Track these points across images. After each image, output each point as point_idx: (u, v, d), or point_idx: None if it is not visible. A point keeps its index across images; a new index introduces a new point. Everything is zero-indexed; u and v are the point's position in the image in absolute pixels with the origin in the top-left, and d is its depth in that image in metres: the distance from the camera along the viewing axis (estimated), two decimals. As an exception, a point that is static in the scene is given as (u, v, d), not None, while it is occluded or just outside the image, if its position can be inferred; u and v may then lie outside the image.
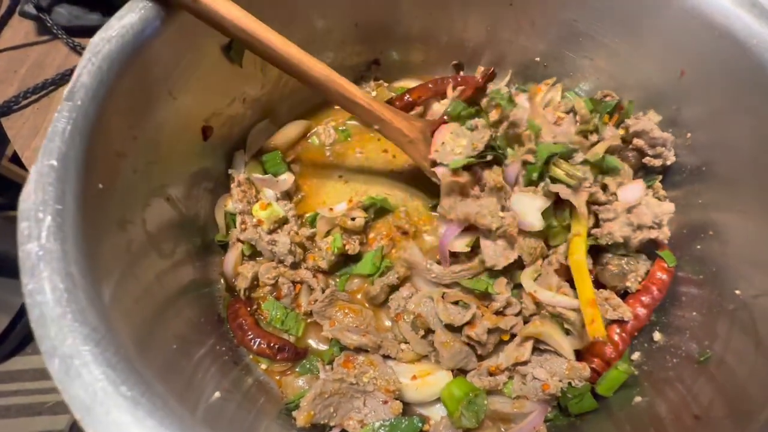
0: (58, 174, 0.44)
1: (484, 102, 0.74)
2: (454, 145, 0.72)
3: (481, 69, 0.94)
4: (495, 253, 0.66)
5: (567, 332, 0.64)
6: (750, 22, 0.56)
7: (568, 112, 0.74)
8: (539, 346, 0.65)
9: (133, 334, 0.45)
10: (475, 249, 0.70)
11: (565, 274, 0.66)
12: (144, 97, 0.59)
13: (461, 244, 0.70)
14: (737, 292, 0.54)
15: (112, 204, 0.51)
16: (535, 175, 0.66)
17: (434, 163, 0.73)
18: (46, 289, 0.36)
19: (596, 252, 0.69)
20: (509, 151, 0.70)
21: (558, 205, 0.67)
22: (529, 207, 0.66)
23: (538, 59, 0.88)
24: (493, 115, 0.71)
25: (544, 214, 0.65)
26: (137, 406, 0.33)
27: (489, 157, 0.69)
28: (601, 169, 0.67)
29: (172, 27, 0.60)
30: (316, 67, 0.67)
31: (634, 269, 0.66)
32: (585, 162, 0.66)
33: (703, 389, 0.50)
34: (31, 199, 0.41)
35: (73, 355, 0.34)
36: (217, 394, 0.52)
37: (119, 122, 0.55)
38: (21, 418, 1.77)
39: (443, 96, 0.91)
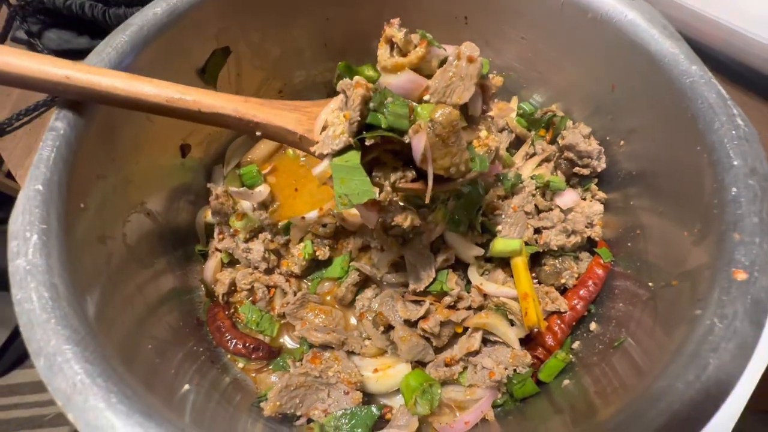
0: (44, 197, 0.50)
1: None
2: (337, 125, 0.53)
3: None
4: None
5: (512, 323, 0.70)
6: (662, 41, 0.63)
7: (501, 130, 0.81)
8: (490, 338, 0.71)
9: (116, 338, 0.51)
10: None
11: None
12: (122, 123, 0.66)
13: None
14: (650, 284, 0.60)
15: (93, 221, 0.58)
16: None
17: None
18: (33, 298, 0.43)
19: (535, 254, 0.76)
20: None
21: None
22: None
23: (494, 72, 0.94)
24: None
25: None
26: (110, 394, 0.39)
27: (369, 141, 0.50)
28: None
29: (147, 57, 0.67)
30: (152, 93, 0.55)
31: (569, 267, 0.72)
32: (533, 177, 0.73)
33: (613, 369, 0.56)
34: (19, 220, 0.47)
35: (56, 354, 0.40)
36: (191, 387, 0.58)
37: (99, 147, 0.61)
38: (21, 431, 1.81)
39: None
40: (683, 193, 0.59)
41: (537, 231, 0.74)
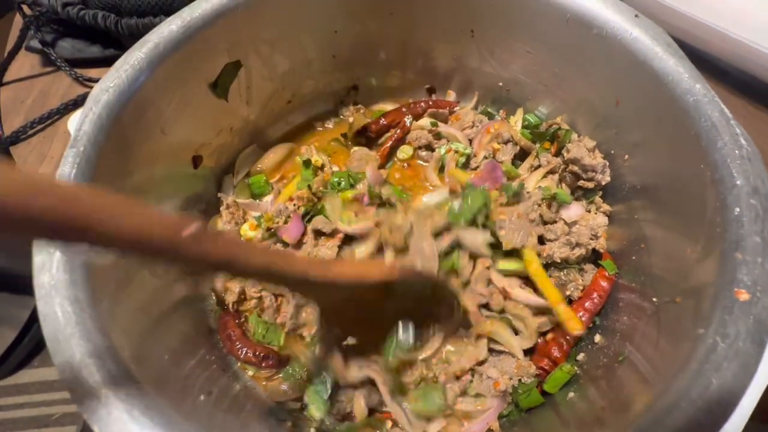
0: (65, 212, 0.52)
1: None
2: None
3: (451, 93, 1.02)
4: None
5: (516, 332, 0.72)
6: (666, 59, 0.64)
7: (506, 142, 0.82)
8: (495, 347, 0.73)
9: (131, 347, 0.53)
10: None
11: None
12: (139, 137, 0.67)
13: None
14: (654, 299, 0.61)
15: (112, 234, 0.59)
16: None
17: None
18: (58, 312, 0.44)
19: None
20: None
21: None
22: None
23: (501, 84, 0.96)
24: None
25: None
26: (132, 407, 0.41)
27: None
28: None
29: (162, 73, 0.68)
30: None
31: (573, 279, 0.74)
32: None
33: (617, 383, 0.58)
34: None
35: (81, 368, 0.42)
36: (203, 396, 0.59)
37: (117, 161, 0.63)
38: (29, 431, 1.81)
39: (417, 117, 0.99)
40: (687, 209, 0.60)
41: (541, 242, 0.75)
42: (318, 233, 0.81)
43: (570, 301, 0.74)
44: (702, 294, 0.51)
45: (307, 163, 0.91)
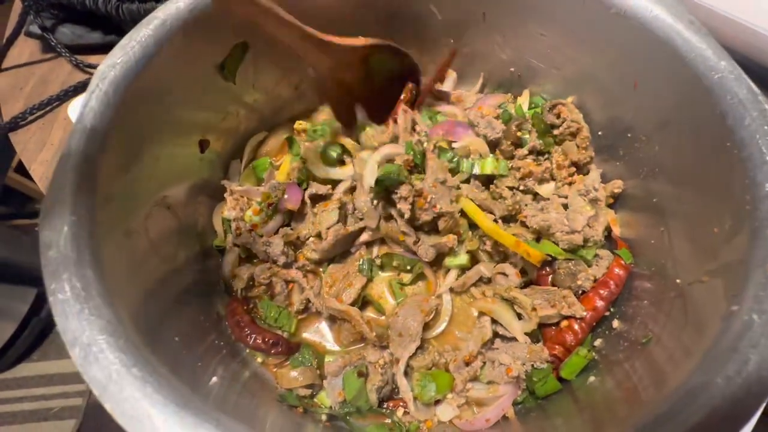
0: (72, 188, 0.50)
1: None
2: None
3: (451, 73, 1.00)
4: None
5: (519, 317, 0.71)
6: (688, 37, 0.62)
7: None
8: (506, 334, 0.71)
9: (141, 328, 0.51)
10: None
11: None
12: (146, 117, 0.65)
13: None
14: (678, 281, 0.60)
15: (118, 215, 0.57)
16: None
17: None
18: (66, 288, 0.42)
19: (550, 260, 0.76)
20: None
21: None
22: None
23: (512, 69, 0.94)
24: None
25: None
26: (146, 384, 0.39)
27: None
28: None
29: (170, 51, 0.66)
30: None
31: (583, 269, 0.73)
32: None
33: (642, 366, 0.56)
34: (50, 210, 0.47)
35: (90, 344, 0.40)
36: (215, 379, 0.58)
37: (124, 140, 0.61)
38: (27, 424, 1.81)
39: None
40: (712, 189, 0.59)
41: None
42: (315, 198, 0.83)
43: (582, 292, 0.73)
44: (732, 272, 0.50)
45: (290, 140, 0.92)
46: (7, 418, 1.83)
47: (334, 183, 0.85)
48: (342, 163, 0.88)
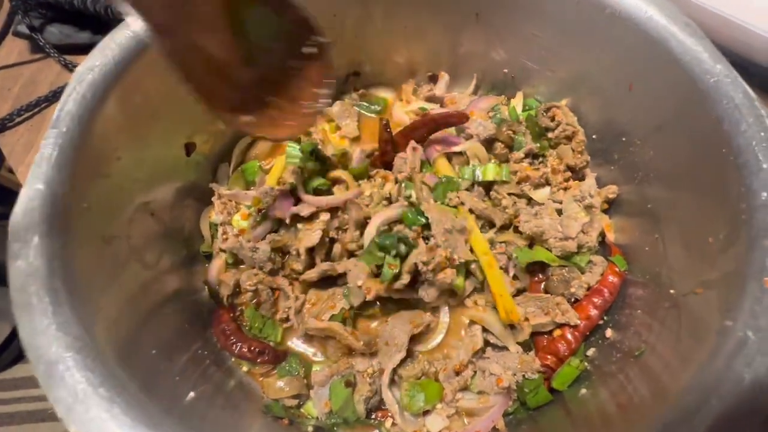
0: (45, 197, 0.48)
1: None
2: None
3: (443, 75, 0.98)
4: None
5: (512, 327, 0.69)
6: (683, 39, 0.61)
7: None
8: (497, 343, 0.70)
9: (117, 341, 0.50)
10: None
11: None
12: (127, 121, 0.64)
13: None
14: (672, 291, 0.58)
15: (97, 221, 0.56)
16: None
17: None
18: (34, 302, 0.41)
19: (543, 266, 0.75)
20: None
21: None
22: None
23: (506, 70, 0.92)
24: None
25: None
26: (113, 405, 0.38)
27: None
28: None
29: (151, 54, 0.65)
30: None
31: (577, 276, 0.71)
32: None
33: (635, 379, 0.55)
34: (20, 220, 0.45)
35: (57, 361, 0.39)
36: (193, 394, 0.56)
37: (103, 145, 0.60)
38: (25, 425, 1.80)
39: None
40: (707, 196, 0.57)
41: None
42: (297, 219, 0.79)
43: (575, 300, 0.71)
44: (727, 284, 0.48)
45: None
46: (5, 418, 1.82)
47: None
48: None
